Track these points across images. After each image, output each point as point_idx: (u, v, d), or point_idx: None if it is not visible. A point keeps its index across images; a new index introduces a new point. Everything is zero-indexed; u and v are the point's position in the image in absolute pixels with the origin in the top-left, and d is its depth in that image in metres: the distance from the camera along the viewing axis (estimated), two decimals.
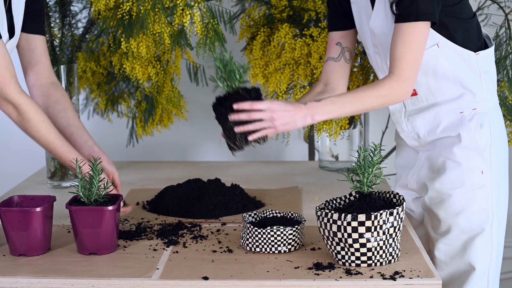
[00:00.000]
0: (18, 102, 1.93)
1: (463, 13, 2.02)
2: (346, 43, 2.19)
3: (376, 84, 1.95)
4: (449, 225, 2.05)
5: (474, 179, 2.03)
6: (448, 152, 2.05)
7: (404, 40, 1.91)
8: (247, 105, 1.86)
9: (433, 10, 1.90)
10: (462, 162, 2.03)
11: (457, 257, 2.05)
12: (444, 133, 2.07)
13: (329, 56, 2.21)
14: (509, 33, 2.57)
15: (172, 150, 3.18)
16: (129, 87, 2.91)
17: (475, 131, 2.03)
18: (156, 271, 1.73)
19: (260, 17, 2.64)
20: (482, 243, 2.03)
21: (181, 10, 2.36)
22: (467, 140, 2.03)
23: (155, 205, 2.22)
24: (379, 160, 1.76)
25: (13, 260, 1.81)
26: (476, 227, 2.03)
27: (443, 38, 1.99)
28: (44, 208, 1.83)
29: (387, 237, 1.72)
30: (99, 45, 2.80)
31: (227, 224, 2.09)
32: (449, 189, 2.04)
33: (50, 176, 2.52)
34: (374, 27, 2.05)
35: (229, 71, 1.86)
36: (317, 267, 1.74)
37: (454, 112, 2.06)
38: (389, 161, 2.98)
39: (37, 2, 2.13)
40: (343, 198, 1.84)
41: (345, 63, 2.20)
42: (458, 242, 2.05)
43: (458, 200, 2.03)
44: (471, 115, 2.05)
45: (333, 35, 2.21)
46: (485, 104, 2.06)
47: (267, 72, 2.56)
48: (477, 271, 2.03)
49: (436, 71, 2.03)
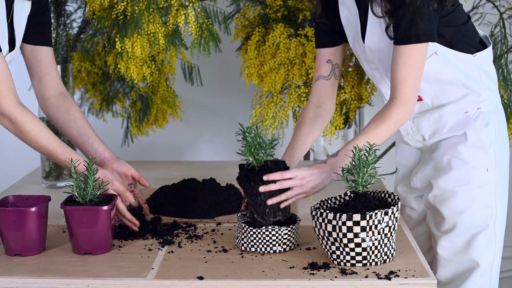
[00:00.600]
0: (14, 115, 1.93)
1: (458, 20, 2.03)
2: (336, 60, 2.17)
3: (382, 116, 1.95)
4: (453, 222, 2.06)
5: (479, 176, 2.05)
6: (454, 151, 2.06)
7: (405, 62, 1.92)
8: (278, 176, 1.88)
9: (432, 30, 1.91)
10: (467, 160, 2.04)
11: (460, 254, 2.07)
12: (450, 133, 2.08)
13: (320, 74, 2.18)
14: (503, 32, 2.58)
15: (167, 150, 3.18)
16: (124, 87, 2.90)
17: (481, 130, 2.05)
18: (151, 271, 1.73)
19: (255, 17, 2.64)
20: (485, 239, 2.05)
21: (176, 10, 2.36)
22: (472, 139, 2.05)
23: (150, 205, 2.22)
24: (374, 160, 1.76)
25: (8, 260, 1.81)
26: (480, 224, 2.05)
27: (440, 46, 1.99)
28: (39, 208, 1.83)
29: (382, 237, 1.72)
30: (94, 45, 2.80)
31: (222, 224, 2.09)
32: (455, 187, 2.05)
33: (45, 176, 2.52)
34: (371, 44, 2.04)
35: (257, 143, 1.87)
36: (312, 266, 1.74)
37: (459, 113, 2.07)
38: (384, 160, 2.99)
39: (43, 13, 2.14)
40: (338, 198, 1.84)
41: (335, 80, 2.18)
42: (462, 239, 2.06)
43: (463, 197, 2.05)
44: (476, 115, 2.06)
45: (322, 52, 2.17)
46: (489, 103, 2.08)
47: (262, 72, 2.56)
48: (481, 267, 2.05)
49: (438, 77, 2.04)
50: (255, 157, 1.88)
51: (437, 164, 2.10)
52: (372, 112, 2.93)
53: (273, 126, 2.56)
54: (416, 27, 1.89)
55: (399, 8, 1.90)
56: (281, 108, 2.55)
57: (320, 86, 2.18)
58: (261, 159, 1.89)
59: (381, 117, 1.95)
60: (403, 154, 2.27)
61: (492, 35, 2.58)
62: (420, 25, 1.89)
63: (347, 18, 2.09)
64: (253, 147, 1.87)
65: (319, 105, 2.17)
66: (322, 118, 2.16)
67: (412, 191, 2.24)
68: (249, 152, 1.88)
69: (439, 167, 2.09)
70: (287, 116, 2.57)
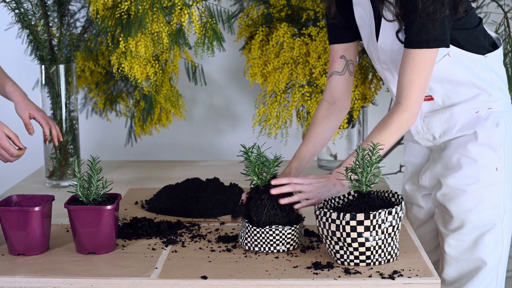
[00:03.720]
0: None
1: (470, 23, 2.02)
2: (350, 56, 2.15)
3: (385, 123, 1.94)
4: (462, 221, 2.06)
5: (488, 175, 2.04)
6: (463, 149, 2.06)
7: (414, 66, 1.91)
8: (286, 180, 1.91)
9: (444, 35, 1.90)
10: (477, 158, 2.04)
11: (467, 253, 2.07)
12: (460, 132, 2.08)
13: (334, 70, 2.15)
14: (508, 32, 2.57)
15: (171, 150, 3.18)
16: (127, 86, 2.91)
17: (491, 130, 2.05)
18: (155, 270, 1.73)
19: (259, 16, 2.64)
20: (493, 238, 2.05)
21: (180, 9, 2.36)
22: (483, 138, 2.05)
23: (154, 204, 2.22)
24: (377, 159, 1.76)
25: (12, 260, 1.81)
26: (488, 223, 2.05)
27: (453, 47, 1.99)
28: (43, 208, 1.83)
29: (385, 236, 1.72)
30: (98, 44, 2.80)
31: (225, 223, 2.09)
32: (464, 185, 2.05)
33: (49, 176, 2.52)
34: (383, 45, 2.04)
35: (261, 163, 1.88)
36: (316, 266, 1.74)
37: (470, 112, 2.07)
38: (388, 160, 2.98)
39: None
40: (342, 198, 1.84)
41: (349, 76, 2.16)
42: (470, 238, 2.06)
43: (472, 196, 2.05)
44: (487, 114, 2.06)
45: (336, 48, 2.15)
46: (500, 103, 2.08)
47: (265, 72, 2.56)
48: (488, 265, 2.05)
49: (450, 78, 2.03)
50: (259, 176, 1.88)
51: (447, 163, 2.09)
52: (376, 111, 2.93)
53: (276, 125, 2.56)
54: (427, 32, 1.88)
55: (411, 13, 1.88)
56: (284, 108, 2.55)
57: (334, 82, 2.16)
58: (265, 178, 1.89)
59: (384, 123, 1.95)
60: (412, 153, 2.27)
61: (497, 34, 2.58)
62: (431, 30, 1.88)
63: (361, 18, 2.08)
64: (257, 166, 1.87)
65: (332, 102, 2.16)
66: (335, 116, 2.15)
67: (420, 190, 2.24)
68: (253, 172, 1.88)
69: (448, 166, 2.09)
70: (291, 115, 2.57)
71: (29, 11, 2.42)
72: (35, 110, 2.23)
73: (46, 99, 2.47)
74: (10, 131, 2.06)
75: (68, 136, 2.48)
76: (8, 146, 2.04)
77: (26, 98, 2.24)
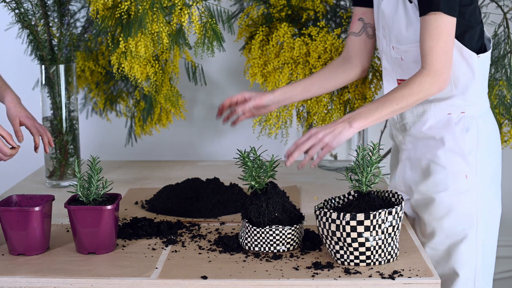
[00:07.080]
0: None
1: (473, 18, 2.01)
2: (368, 19, 2.23)
3: (408, 82, 1.95)
4: (433, 228, 2.05)
5: (458, 183, 2.03)
6: (433, 155, 2.05)
7: (431, 33, 1.93)
8: (294, 146, 1.95)
9: (453, 4, 1.92)
10: (446, 165, 2.03)
11: (442, 262, 2.05)
12: (430, 131, 2.07)
13: (351, 31, 2.26)
14: (507, 32, 2.57)
15: (171, 150, 3.18)
16: (127, 86, 2.91)
17: (460, 135, 2.03)
18: (155, 270, 1.73)
19: (259, 16, 2.64)
20: (466, 249, 2.02)
21: (180, 9, 2.36)
22: (450, 144, 2.03)
23: (154, 204, 2.22)
24: (377, 159, 1.76)
25: (12, 260, 1.81)
26: (459, 232, 2.02)
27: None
28: (43, 208, 1.83)
29: (385, 236, 1.72)
30: (98, 44, 2.80)
31: (226, 224, 2.09)
32: (434, 193, 2.04)
33: (49, 176, 2.52)
34: (385, 8, 2.08)
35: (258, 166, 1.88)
36: (316, 266, 1.74)
37: (442, 113, 2.06)
38: (388, 160, 2.98)
39: None
40: (342, 198, 1.84)
41: (367, 38, 2.24)
42: (443, 247, 2.04)
43: (442, 203, 2.03)
44: (459, 118, 2.04)
45: (356, 10, 2.25)
46: (474, 108, 2.06)
47: (265, 72, 2.56)
48: (460, 277, 2.02)
49: None
50: (257, 180, 1.88)
51: (416, 168, 2.09)
52: None
53: (277, 125, 2.56)
54: None
55: None
56: (284, 108, 2.55)
57: (350, 42, 2.26)
58: (262, 181, 1.89)
59: (406, 82, 1.96)
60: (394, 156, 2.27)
61: (496, 35, 2.58)
62: None
63: None
64: (254, 171, 1.87)
65: (347, 58, 2.24)
66: (344, 70, 2.21)
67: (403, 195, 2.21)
68: (250, 177, 1.87)
69: (418, 171, 2.08)
70: (291, 115, 2.57)
71: (29, 11, 2.42)
72: (26, 118, 2.22)
73: (46, 99, 2.47)
74: (3, 130, 2.05)
75: (68, 136, 2.48)
76: (1, 145, 2.04)
77: (18, 104, 2.23)
